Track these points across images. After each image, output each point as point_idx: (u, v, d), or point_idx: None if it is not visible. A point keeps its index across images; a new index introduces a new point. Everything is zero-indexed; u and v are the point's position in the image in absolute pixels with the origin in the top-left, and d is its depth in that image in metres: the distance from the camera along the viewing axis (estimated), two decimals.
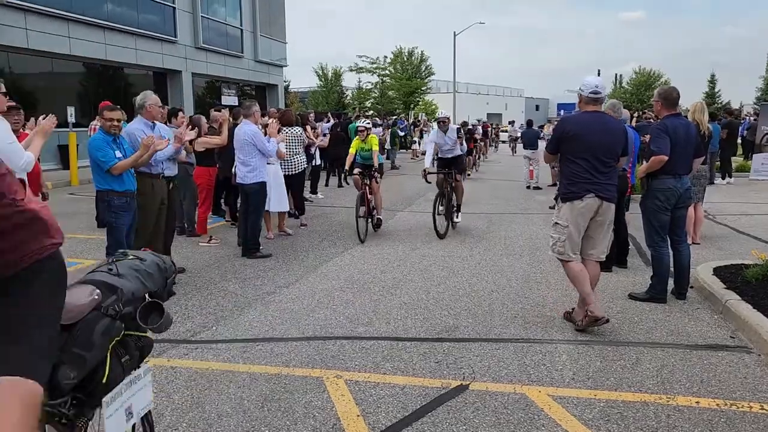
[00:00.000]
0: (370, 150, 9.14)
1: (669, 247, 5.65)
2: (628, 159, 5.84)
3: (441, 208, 8.93)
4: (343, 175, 15.38)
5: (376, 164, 9.08)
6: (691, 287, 5.83)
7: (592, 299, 4.72)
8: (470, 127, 21.07)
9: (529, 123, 17.99)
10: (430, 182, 9.16)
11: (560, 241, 4.80)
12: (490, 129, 32.33)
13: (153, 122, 6.07)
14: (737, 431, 3.29)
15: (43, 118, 4.76)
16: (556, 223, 4.86)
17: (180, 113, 8.52)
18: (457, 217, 9.43)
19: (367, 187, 8.72)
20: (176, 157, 6.73)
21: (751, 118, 18.66)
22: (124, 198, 5.43)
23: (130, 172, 5.50)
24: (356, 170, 8.86)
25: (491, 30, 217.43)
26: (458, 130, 9.34)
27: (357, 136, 9.27)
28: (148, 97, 5.98)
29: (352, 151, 9.16)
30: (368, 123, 9.59)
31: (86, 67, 21.51)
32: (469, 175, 17.34)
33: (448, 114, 9.59)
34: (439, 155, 9.45)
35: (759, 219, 10.18)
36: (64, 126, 16.83)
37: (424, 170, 8.87)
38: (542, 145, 16.23)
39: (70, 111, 16.50)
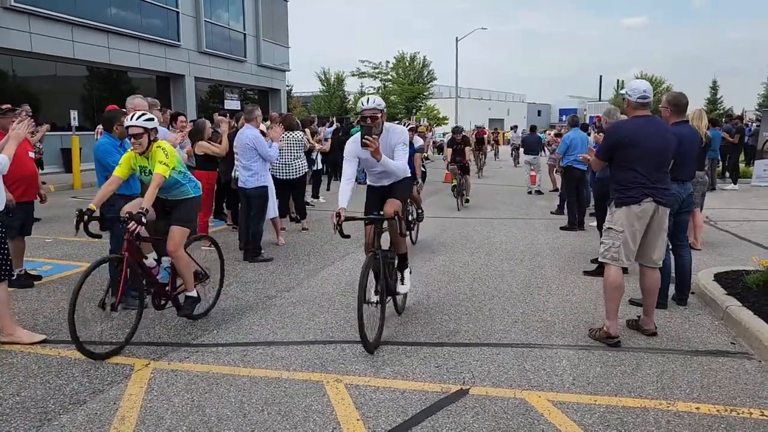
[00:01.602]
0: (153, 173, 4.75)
1: (670, 252, 5.65)
2: None
3: (373, 294, 4.80)
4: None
5: (146, 205, 4.55)
6: (692, 293, 5.83)
7: (615, 318, 4.69)
8: (462, 134, 13.85)
9: (533, 128, 18.01)
10: (348, 236, 4.72)
11: (614, 247, 4.66)
12: (487, 136, 25.72)
13: None
14: None
15: (18, 122, 4.78)
16: (610, 228, 4.71)
17: (181, 117, 8.54)
18: (402, 282, 5.24)
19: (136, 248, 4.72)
20: None
21: (754, 125, 18.68)
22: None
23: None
24: (127, 212, 4.56)
25: (493, 35, 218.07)
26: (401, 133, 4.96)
27: (131, 147, 4.86)
28: (130, 102, 6.00)
29: (117, 173, 4.84)
30: (148, 120, 4.75)
31: (90, 70, 21.62)
32: (467, 201, 13.08)
33: (380, 102, 4.83)
34: (369, 181, 5.26)
35: (760, 225, 10.17)
36: (67, 129, 16.92)
37: (336, 217, 4.57)
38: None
39: (74, 114, 16.56)
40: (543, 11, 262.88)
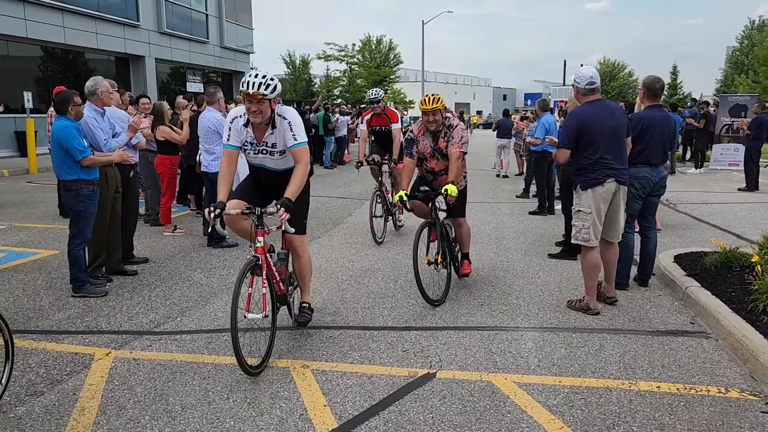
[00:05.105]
0: None
1: (636, 234, 5.75)
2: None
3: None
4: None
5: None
6: (653, 274, 5.96)
7: (594, 294, 5.01)
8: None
9: (505, 113, 18.06)
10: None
11: (584, 228, 4.91)
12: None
13: (103, 109, 5.89)
14: (696, 414, 3.37)
15: None
16: (579, 210, 4.95)
17: (143, 99, 8.30)
18: None
19: None
20: (135, 144, 6.54)
21: (711, 109, 19.10)
22: (92, 186, 5.33)
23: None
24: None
25: (460, 19, 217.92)
26: None
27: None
28: (100, 84, 5.79)
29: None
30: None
31: (44, 50, 20.84)
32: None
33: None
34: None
35: (718, 207, 10.45)
36: (21, 112, 16.32)
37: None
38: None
39: (27, 96, 15.95)
40: None
